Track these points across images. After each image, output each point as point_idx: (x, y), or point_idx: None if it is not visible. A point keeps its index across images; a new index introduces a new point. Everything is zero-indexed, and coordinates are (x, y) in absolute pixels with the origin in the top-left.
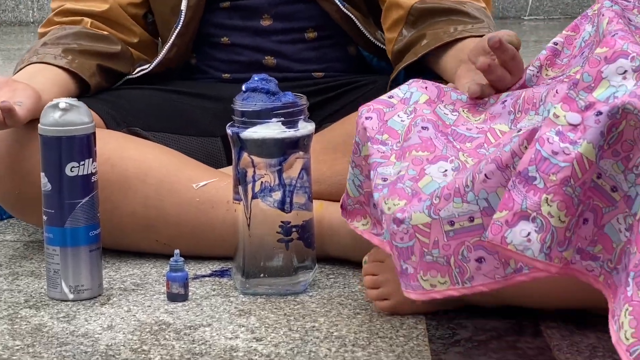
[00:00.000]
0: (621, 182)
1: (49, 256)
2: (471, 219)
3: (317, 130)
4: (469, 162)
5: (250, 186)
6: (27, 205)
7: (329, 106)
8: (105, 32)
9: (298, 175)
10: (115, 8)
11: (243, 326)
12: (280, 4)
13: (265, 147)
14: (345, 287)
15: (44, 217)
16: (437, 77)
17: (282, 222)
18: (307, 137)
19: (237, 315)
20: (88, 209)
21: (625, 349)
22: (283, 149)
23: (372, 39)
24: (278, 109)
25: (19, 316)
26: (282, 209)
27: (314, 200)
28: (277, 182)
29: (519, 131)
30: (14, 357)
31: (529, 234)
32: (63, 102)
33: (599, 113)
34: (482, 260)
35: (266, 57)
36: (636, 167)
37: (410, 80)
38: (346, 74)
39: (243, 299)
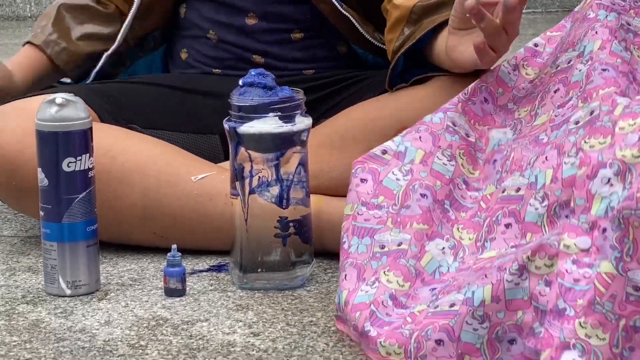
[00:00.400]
0: None
1: (46, 252)
2: (452, 305)
3: (314, 125)
4: (464, 236)
5: (247, 181)
6: (24, 196)
7: (327, 101)
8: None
9: (295, 170)
10: None
11: (240, 321)
12: (267, 3)
13: (262, 142)
14: None
15: (41, 213)
16: (436, 70)
17: (279, 217)
18: (304, 132)
19: (234, 310)
20: (85, 204)
21: None
22: (280, 144)
23: (369, 38)
24: (275, 104)
25: (16, 312)
26: (280, 204)
27: (313, 195)
28: (274, 177)
29: (503, 191)
30: (11, 353)
31: None
32: (60, 97)
33: (604, 230)
34: (441, 343)
35: (254, 56)
36: None
37: (404, 132)
38: (338, 71)
39: (240, 294)
